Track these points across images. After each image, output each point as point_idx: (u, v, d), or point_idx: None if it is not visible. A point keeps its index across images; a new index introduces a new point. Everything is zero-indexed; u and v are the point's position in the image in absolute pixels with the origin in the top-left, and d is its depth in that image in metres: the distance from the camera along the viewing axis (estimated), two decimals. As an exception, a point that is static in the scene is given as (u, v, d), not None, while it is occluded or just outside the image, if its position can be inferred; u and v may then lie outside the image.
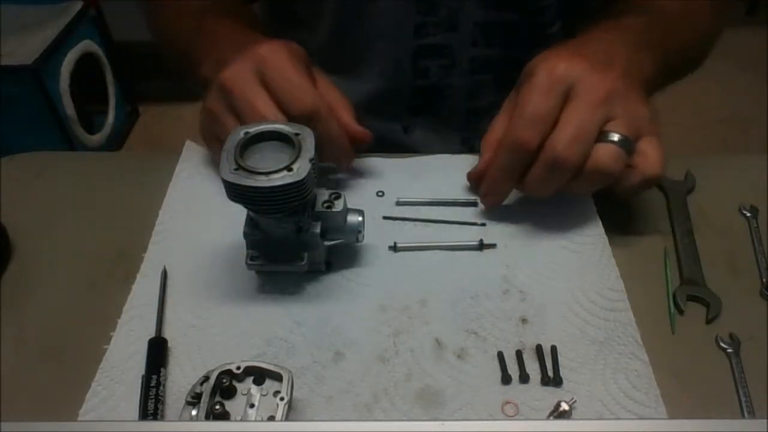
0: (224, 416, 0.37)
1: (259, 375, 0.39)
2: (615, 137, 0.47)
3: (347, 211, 0.48)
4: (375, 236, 0.52)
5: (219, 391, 0.38)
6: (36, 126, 1.64)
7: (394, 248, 0.52)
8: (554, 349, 0.44)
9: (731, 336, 0.46)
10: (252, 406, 0.38)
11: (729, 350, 0.45)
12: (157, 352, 0.44)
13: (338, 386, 0.43)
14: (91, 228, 0.55)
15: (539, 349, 0.44)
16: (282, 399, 0.38)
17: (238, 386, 0.39)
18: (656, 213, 0.56)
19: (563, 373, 0.43)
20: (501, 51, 0.68)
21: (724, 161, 0.66)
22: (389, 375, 0.43)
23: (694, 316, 0.48)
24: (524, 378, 0.43)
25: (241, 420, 0.37)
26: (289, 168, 0.42)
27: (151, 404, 0.40)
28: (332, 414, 0.41)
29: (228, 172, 0.42)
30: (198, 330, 0.46)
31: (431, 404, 0.42)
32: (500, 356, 0.44)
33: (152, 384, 0.41)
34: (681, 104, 2.03)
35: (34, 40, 1.63)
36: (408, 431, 0.31)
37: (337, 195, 0.48)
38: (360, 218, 0.48)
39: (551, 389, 0.43)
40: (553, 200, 0.51)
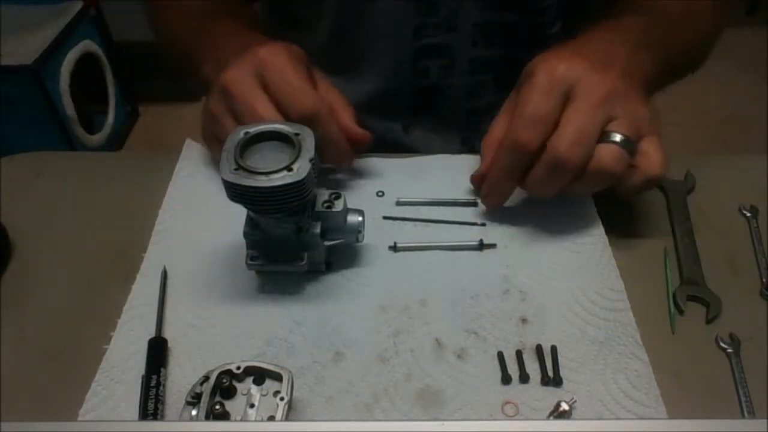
0: (224, 416, 0.37)
1: (259, 375, 0.39)
2: (617, 137, 0.47)
3: (347, 211, 0.48)
4: (375, 236, 0.52)
5: (219, 391, 0.38)
6: (36, 126, 1.64)
7: (394, 248, 0.52)
8: (554, 349, 0.44)
9: (731, 336, 0.46)
10: (252, 406, 0.38)
11: (729, 350, 0.45)
12: (157, 352, 0.44)
13: (338, 386, 0.43)
14: (91, 228, 0.55)
15: (539, 349, 0.44)
16: (282, 399, 0.38)
17: (238, 386, 0.39)
18: (656, 213, 0.56)
19: (563, 373, 0.43)
20: (501, 51, 0.68)
21: (724, 161, 0.66)
22: (389, 375, 0.43)
23: (694, 316, 0.48)
24: (524, 378, 0.43)
25: (241, 420, 0.37)
26: (289, 168, 0.42)
27: (151, 404, 0.40)
28: (332, 414, 0.41)
29: (228, 172, 0.42)
30: (198, 330, 0.46)
31: (431, 404, 0.42)
32: (500, 356, 0.44)
33: (152, 384, 0.41)
34: (681, 104, 2.03)
35: (34, 40, 1.63)
36: (408, 431, 0.31)
37: (337, 195, 0.48)
38: (360, 218, 0.48)
39: (551, 389, 0.43)
40: (554, 200, 0.51)
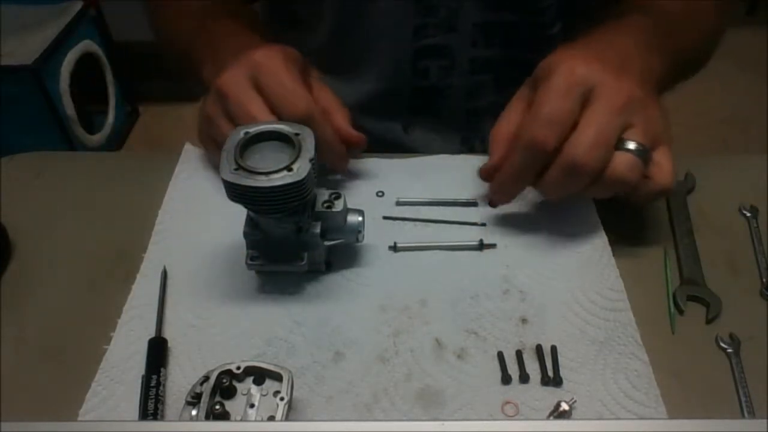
0: (224, 416, 0.37)
1: (259, 375, 0.39)
2: (632, 146, 0.46)
3: (347, 211, 0.48)
4: (375, 236, 0.52)
5: (219, 391, 0.38)
6: (36, 126, 1.64)
7: (394, 248, 0.52)
8: (554, 349, 0.44)
9: (731, 336, 0.46)
10: (252, 406, 0.38)
11: (729, 350, 0.45)
12: (157, 352, 0.44)
13: (338, 386, 0.43)
14: (91, 228, 0.55)
15: (539, 349, 0.44)
16: (282, 399, 0.38)
17: (238, 386, 0.39)
18: (656, 213, 0.56)
19: (563, 373, 0.43)
20: (501, 51, 0.68)
21: (724, 161, 0.66)
22: (389, 375, 0.43)
23: (694, 316, 0.48)
24: (524, 378, 0.43)
25: (241, 420, 0.37)
26: (289, 168, 0.42)
27: (151, 404, 0.40)
28: (332, 414, 0.41)
29: (228, 172, 0.42)
30: (198, 330, 0.46)
31: (431, 404, 0.42)
32: (500, 356, 0.44)
33: (152, 384, 0.41)
34: (681, 104, 2.02)
35: (34, 40, 1.63)
36: (408, 431, 0.31)
37: (337, 195, 0.48)
38: (360, 218, 0.48)
39: (551, 389, 0.43)
40: (554, 201, 0.51)
